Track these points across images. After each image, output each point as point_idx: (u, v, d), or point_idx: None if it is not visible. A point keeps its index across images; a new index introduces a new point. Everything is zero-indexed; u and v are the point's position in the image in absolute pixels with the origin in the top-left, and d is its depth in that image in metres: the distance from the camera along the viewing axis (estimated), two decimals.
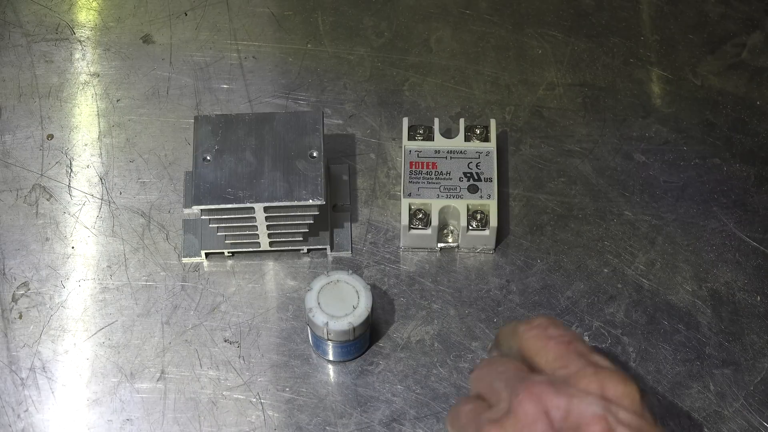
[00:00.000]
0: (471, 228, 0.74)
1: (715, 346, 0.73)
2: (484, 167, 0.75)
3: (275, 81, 0.83)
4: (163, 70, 0.84)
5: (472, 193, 0.74)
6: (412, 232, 0.74)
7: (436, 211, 0.73)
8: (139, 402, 0.71)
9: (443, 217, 0.74)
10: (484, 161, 0.75)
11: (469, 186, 0.74)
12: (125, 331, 0.73)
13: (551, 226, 0.77)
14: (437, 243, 0.75)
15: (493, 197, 0.74)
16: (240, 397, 0.71)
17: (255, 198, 0.70)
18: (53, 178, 0.79)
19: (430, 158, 0.76)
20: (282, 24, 0.86)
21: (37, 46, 0.85)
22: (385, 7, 0.87)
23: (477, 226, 0.74)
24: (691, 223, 0.77)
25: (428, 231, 0.74)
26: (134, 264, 0.76)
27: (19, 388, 0.72)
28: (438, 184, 0.75)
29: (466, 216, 0.73)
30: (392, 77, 0.84)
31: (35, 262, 0.76)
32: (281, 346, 0.73)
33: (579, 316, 0.74)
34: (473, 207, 0.74)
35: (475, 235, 0.74)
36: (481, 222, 0.74)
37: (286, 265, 0.76)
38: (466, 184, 0.74)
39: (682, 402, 0.71)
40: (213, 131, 0.72)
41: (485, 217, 0.74)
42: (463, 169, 0.75)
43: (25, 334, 0.73)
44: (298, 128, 0.72)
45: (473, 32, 0.86)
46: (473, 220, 0.74)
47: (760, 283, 0.75)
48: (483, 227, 0.74)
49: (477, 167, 0.75)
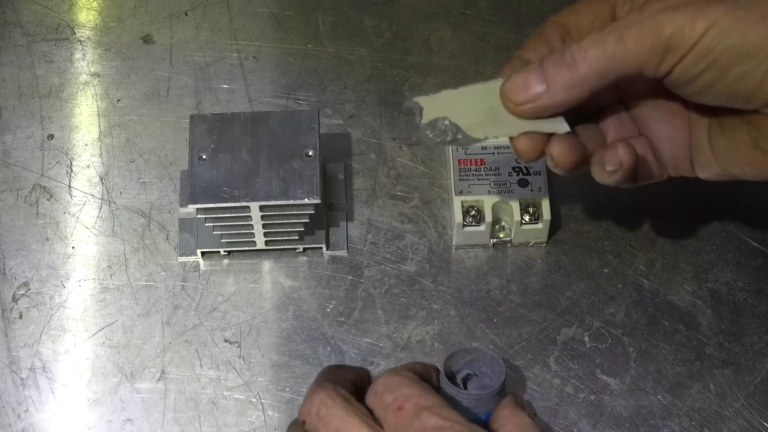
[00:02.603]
0: (524, 222, 0.74)
1: (715, 346, 0.73)
2: None
3: (275, 81, 0.84)
4: (164, 70, 0.84)
5: (523, 187, 0.74)
6: (465, 230, 0.74)
7: (488, 208, 0.74)
8: (139, 402, 0.71)
9: (495, 213, 0.75)
10: None
11: (519, 180, 0.75)
12: (125, 331, 0.73)
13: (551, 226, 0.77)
14: (490, 239, 0.76)
15: (544, 190, 0.74)
16: (240, 397, 0.71)
17: (251, 197, 0.70)
18: (53, 178, 0.79)
19: (478, 155, 0.76)
20: (282, 24, 0.86)
21: (37, 46, 0.85)
22: (386, 7, 0.87)
23: (530, 220, 0.74)
24: (691, 223, 0.77)
25: (482, 227, 0.74)
26: (134, 264, 0.76)
27: (19, 388, 0.72)
28: (488, 180, 0.75)
29: (519, 211, 0.74)
30: (392, 77, 0.84)
31: (35, 262, 0.76)
32: (281, 346, 0.73)
33: (579, 316, 0.74)
34: (525, 201, 0.74)
35: (528, 229, 0.75)
36: (534, 216, 0.74)
37: (284, 264, 0.76)
38: (515, 179, 0.75)
39: (682, 402, 0.71)
40: (209, 130, 0.72)
41: (537, 211, 0.74)
42: (511, 163, 0.75)
43: (25, 334, 0.73)
44: (294, 127, 0.73)
45: (473, 32, 0.86)
46: (525, 213, 0.74)
47: (760, 283, 0.75)
48: (536, 221, 0.74)
49: (525, 161, 0.76)
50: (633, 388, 0.71)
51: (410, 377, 0.55)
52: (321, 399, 0.54)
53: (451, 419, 0.51)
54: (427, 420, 0.51)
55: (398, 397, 0.53)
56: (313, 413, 0.54)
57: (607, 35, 0.54)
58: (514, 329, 0.73)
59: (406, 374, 0.55)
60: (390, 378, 0.55)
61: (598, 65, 0.55)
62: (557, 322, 0.73)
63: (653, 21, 0.53)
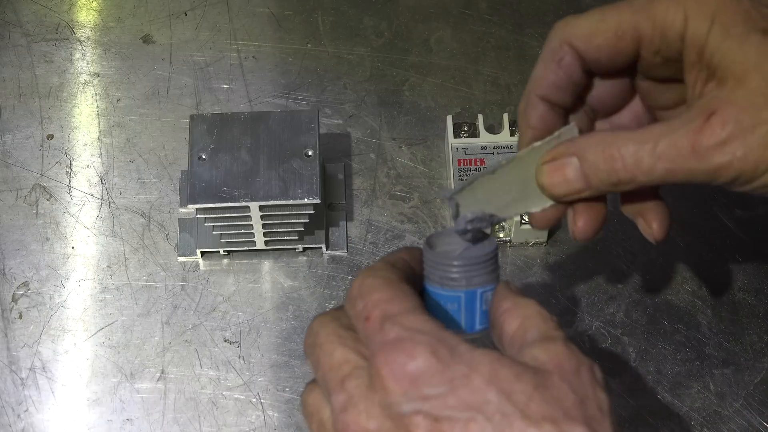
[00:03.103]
0: (524, 222, 0.74)
1: (715, 346, 0.73)
2: None
3: (275, 81, 0.84)
4: (163, 70, 0.84)
5: None
6: None
7: None
8: (139, 402, 0.71)
9: None
10: None
11: None
12: (125, 331, 0.73)
13: None
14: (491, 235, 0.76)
15: None
16: (240, 397, 0.71)
17: (250, 197, 0.70)
18: (53, 178, 0.79)
19: (478, 155, 0.76)
20: (282, 24, 0.86)
21: (37, 46, 0.85)
22: (385, 7, 0.87)
23: None
24: (691, 223, 0.77)
25: None
26: (134, 264, 0.76)
27: (19, 388, 0.72)
28: None
29: None
30: (392, 77, 0.84)
31: (35, 262, 0.76)
32: (281, 346, 0.73)
33: (579, 316, 0.74)
34: None
35: (528, 229, 0.75)
36: None
37: (284, 264, 0.76)
38: None
39: (682, 402, 0.71)
40: (208, 130, 0.72)
41: None
42: None
43: (25, 334, 0.73)
44: (293, 127, 0.73)
45: (473, 32, 0.86)
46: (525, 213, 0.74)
47: (760, 283, 0.75)
48: None
49: None
50: (633, 388, 0.71)
51: (384, 278, 0.49)
52: (311, 328, 0.50)
53: (414, 329, 0.45)
54: (389, 332, 0.45)
55: (367, 303, 0.47)
56: (306, 345, 0.50)
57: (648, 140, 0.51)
58: None
59: (382, 274, 0.49)
60: (363, 280, 0.49)
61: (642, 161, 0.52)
62: None
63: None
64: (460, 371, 0.44)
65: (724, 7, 0.50)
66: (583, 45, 0.54)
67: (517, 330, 0.48)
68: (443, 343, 0.45)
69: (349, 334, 0.48)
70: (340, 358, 0.47)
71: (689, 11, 0.51)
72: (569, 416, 0.43)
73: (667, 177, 0.51)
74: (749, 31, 0.49)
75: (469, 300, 0.52)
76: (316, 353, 0.48)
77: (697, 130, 0.49)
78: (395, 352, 0.44)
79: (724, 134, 0.49)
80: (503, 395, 0.43)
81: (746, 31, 0.49)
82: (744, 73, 0.49)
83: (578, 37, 0.54)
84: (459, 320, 0.52)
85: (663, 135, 0.51)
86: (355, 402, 0.45)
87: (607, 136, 0.53)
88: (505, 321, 0.49)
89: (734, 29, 0.50)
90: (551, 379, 0.44)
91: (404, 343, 0.45)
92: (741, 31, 0.49)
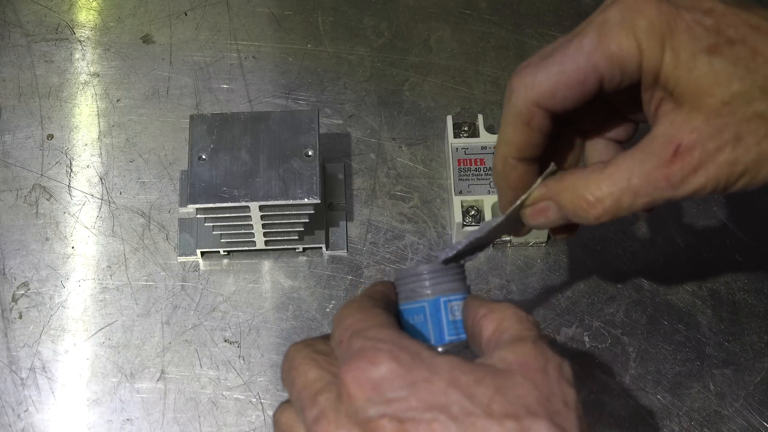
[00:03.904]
0: None
1: (715, 346, 0.73)
2: None
3: (275, 81, 0.84)
4: (163, 70, 0.84)
5: None
6: (465, 230, 0.74)
7: (488, 208, 0.74)
8: (139, 402, 0.71)
9: (495, 213, 0.75)
10: None
11: None
12: (125, 331, 0.73)
13: None
14: None
15: None
16: (240, 397, 0.71)
17: (250, 197, 0.70)
18: (53, 178, 0.79)
19: (478, 155, 0.76)
20: (282, 24, 0.86)
21: (37, 46, 0.85)
22: (385, 7, 0.87)
23: None
24: (691, 223, 0.77)
25: None
26: (134, 264, 0.76)
27: (19, 388, 0.72)
28: (488, 180, 0.75)
29: None
30: (392, 77, 0.84)
31: (35, 262, 0.76)
32: (281, 346, 0.73)
33: (579, 316, 0.74)
34: None
35: None
36: None
37: (284, 264, 0.76)
38: None
39: (682, 402, 0.71)
40: (208, 130, 0.72)
41: None
42: None
43: (25, 334, 0.73)
44: (293, 127, 0.73)
45: (473, 32, 0.86)
46: None
47: (760, 283, 0.75)
48: None
49: None
50: (633, 388, 0.71)
51: (359, 306, 0.51)
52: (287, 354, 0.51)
53: (377, 339, 0.47)
54: (354, 344, 0.47)
55: (342, 329, 0.49)
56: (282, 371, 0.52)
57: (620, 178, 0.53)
58: None
59: (357, 303, 0.51)
60: (341, 311, 0.51)
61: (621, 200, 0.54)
62: (557, 322, 0.73)
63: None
64: (422, 375, 0.45)
65: (670, 30, 0.51)
66: (549, 102, 0.54)
67: (493, 333, 0.50)
68: (405, 349, 0.46)
69: (323, 357, 0.49)
70: (313, 377, 0.48)
71: (641, 41, 0.52)
72: (532, 412, 0.44)
73: (646, 207, 0.53)
74: (696, 54, 0.51)
75: (433, 309, 0.53)
76: (292, 375, 0.49)
77: (667, 164, 0.51)
78: (358, 360, 0.46)
79: (694, 163, 0.51)
80: (465, 396, 0.44)
81: (693, 54, 0.51)
82: (698, 96, 0.51)
83: (542, 96, 0.54)
84: (427, 332, 0.53)
85: (633, 170, 0.52)
86: (326, 413, 0.46)
87: (579, 180, 0.54)
88: (482, 326, 0.50)
89: (683, 54, 0.51)
90: (514, 378, 0.45)
91: (366, 352, 0.46)
92: (689, 55, 0.51)
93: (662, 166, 0.51)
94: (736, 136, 0.51)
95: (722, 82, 0.50)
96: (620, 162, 0.53)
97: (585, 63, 0.53)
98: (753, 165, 0.51)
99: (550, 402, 0.45)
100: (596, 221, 0.54)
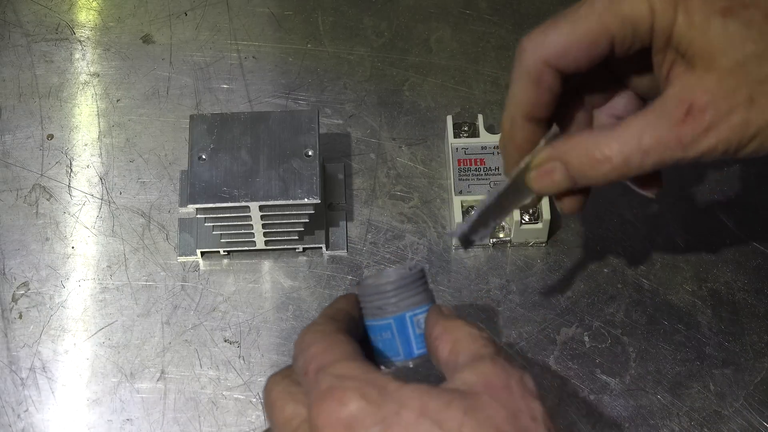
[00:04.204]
0: (524, 222, 0.74)
1: (715, 346, 0.73)
2: None
3: (275, 81, 0.84)
4: (163, 70, 0.84)
5: None
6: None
7: None
8: (139, 402, 0.71)
9: None
10: None
11: None
12: (125, 331, 0.73)
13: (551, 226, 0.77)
14: (490, 238, 0.76)
15: None
16: (240, 397, 0.71)
17: (250, 197, 0.70)
18: (53, 178, 0.79)
19: (478, 155, 0.76)
20: (282, 24, 0.86)
21: (37, 46, 0.85)
22: (385, 7, 0.87)
23: (530, 220, 0.74)
24: (691, 223, 0.77)
25: None
26: (134, 264, 0.76)
27: (19, 388, 0.72)
28: (487, 180, 0.75)
29: (519, 211, 0.74)
30: (392, 77, 0.84)
31: (35, 262, 0.76)
32: (281, 346, 0.73)
33: (579, 316, 0.74)
34: None
35: (527, 229, 0.75)
36: (534, 215, 0.74)
37: (284, 264, 0.76)
38: None
39: (682, 402, 0.71)
40: (208, 130, 0.72)
41: (537, 211, 0.74)
42: None
43: (25, 334, 0.73)
44: (293, 127, 0.73)
45: (473, 32, 0.86)
46: (525, 213, 0.74)
47: (760, 283, 0.75)
48: (536, 221, 0.74)
49: None
50: (633, 388, 0.71)
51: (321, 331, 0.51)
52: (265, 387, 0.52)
53: (343, 376, 0.47)
54: (321, 382, 0.47)
55: (306, 358, 0.49)
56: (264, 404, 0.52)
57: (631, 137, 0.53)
58: (514, 329, 0.73)
59: (320, 328, 0.51)
60: (303, 336, 0.51)
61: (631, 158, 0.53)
62: (557, 322, 0.73)
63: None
64: (391, 409, 0.45)
65: None
66: (560, 61, 0.54)
67: (449, 355, 0.50)
68: (372, 384, 0.46)
69: (298, 389, 0.49)
70: (290, 413, 0.48)
71: (654, 2, 0.52)
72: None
73: (655, 168, 0.53)
74: (710, 16, 0.50)
75: (399, 325, 0.53)
76: (270, 410, 0.50)
77: (679, 123, 0.51)
78: (327, 401, 0.46)
79: (705, 123, 0.51)
80: (435, 425, 0.44)
81: (707, 16, 0.50)
82: (711, 57, 0.51)
83: (553, 54, 0.54)
84: (396, 348, 0.53)
85: (644, 130, 0.52)
86: None
87: (588, 139, 0.54)
88: (438, 347, 0.50)
89: (697, 16, 0.51)
90: (480, 400, 0.45)
91: (335, 391, 0.46)
92: (703, 17, 0.51)
93: (674, 126, 0.51)
94: (749, 98, 0.50)
95: (736, 43, 0.50)
96: (631, 122, 0.53)
97: (597, 24, 0.53)
98: (766, 127, 0.51)
99: (517, 419, 0.45)
100: (604, 179, 0.54)
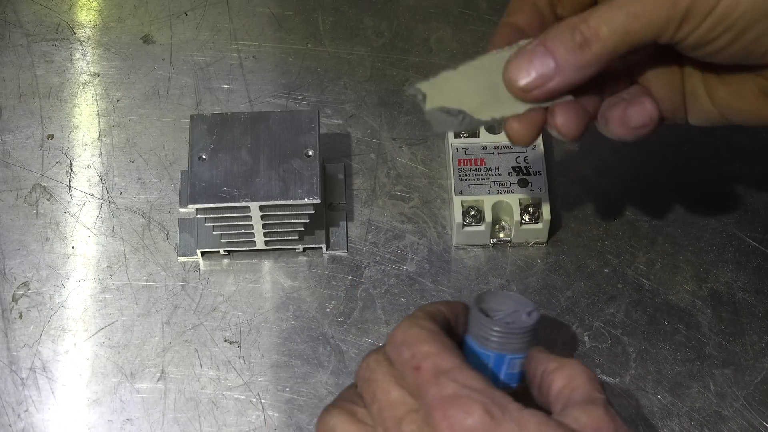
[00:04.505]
0: (524, 222, 0.74)
1: (715, 346, 0.73)
2: (532, 161, 0.76)
3: (275, 81, 0.84)
4: (163, 70, 0.84)
5: (523, 187, 0.75)
6: (465, 230, 0.75)
7: (488, 208, 0.74)
8: (139, 402, 0.71)
9: (495, 213, 0.75)
10: (532, 155, 0.76)
11: (519, 180, 0.75)
12: (125, 331, 0.73)
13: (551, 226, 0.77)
14: (490, 239, 0.76)
15: (544, 190, 0.74)
16: (240, 397, 0.71)
17: (251, 197, 0.70)
18: (53, 178, 0.79)
19: (478, 155, 0.76)
20: (282, 24, 0.86)
21: (37, 46, 0.85)
22: (385, 7, 0.87)
23: (530, 220, 0.74)
24: (691, 223, 0.77)
25: (481, 227, 0.75)
26: (134, 264, 0.76)
27: (19, 388, 0.72)
28: (488, 180, 0.75)
29: (519, 211, 0.74)
30: (392, 77, 0.84)
31: (35, 262, 0.76)
32: (281, 346, 0.73)
33: (579, 316, 0.74)
34: (524, 201, 0.74)
35: (528, 229, 0.75)
36: (534, 216, 0.74)
37: (284, 264, 0.76)
38: (515, 179, 0.75)
39: (682, 402, 0.71)
40: (208, 130, 0.72)
41: (537, 211, 0.74)
42: (511, 163, 0.76)
43: (25, 334, 0.73)
44: (293, 127, 0.73)
45: (473, 32, 0.86)
46: (525, 213, 0.74)
47: (760, 283, 0.75)
48: (536, 221, 0.74)
49: (525, 161, 0.76)
50: (633, 388, 0.71)
51: (430, 330, 0.52)
52: (367, 363, 0.53)
53: (470, 387, 0.49)
54: (445, 387, 0.49)
55: (415, 354, 0.50)
56: (360, 378, 0.53)
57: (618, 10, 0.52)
58: None
59: (426, 325, 0.52)
60: (409, 329, 0.52)
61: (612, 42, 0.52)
62: (557, 322, 0.73)
63: None
64: (510, 428, 0.47)
65: None
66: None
67: (563, 388, 0.51)
68: (495, 401, 0.48)
69: (401, 376, 0.51)
70: (396, 398, 0.50)
71: None
72: None
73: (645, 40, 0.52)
74: None
75: (497, 362, 0.55)
76: (372, 388, 0.51)
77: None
78: (454, 408, 0.48)
79: None
80: None
81: None
82: None
83: None
84: (484, 373, 0.55)
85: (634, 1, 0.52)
86: None
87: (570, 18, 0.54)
88: (552, 380, 0.52)
89: None
90: None
91: (461, 400, 0.48)
92: None
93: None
94: None
95: None
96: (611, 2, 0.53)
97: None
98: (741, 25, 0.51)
99: None
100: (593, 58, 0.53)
